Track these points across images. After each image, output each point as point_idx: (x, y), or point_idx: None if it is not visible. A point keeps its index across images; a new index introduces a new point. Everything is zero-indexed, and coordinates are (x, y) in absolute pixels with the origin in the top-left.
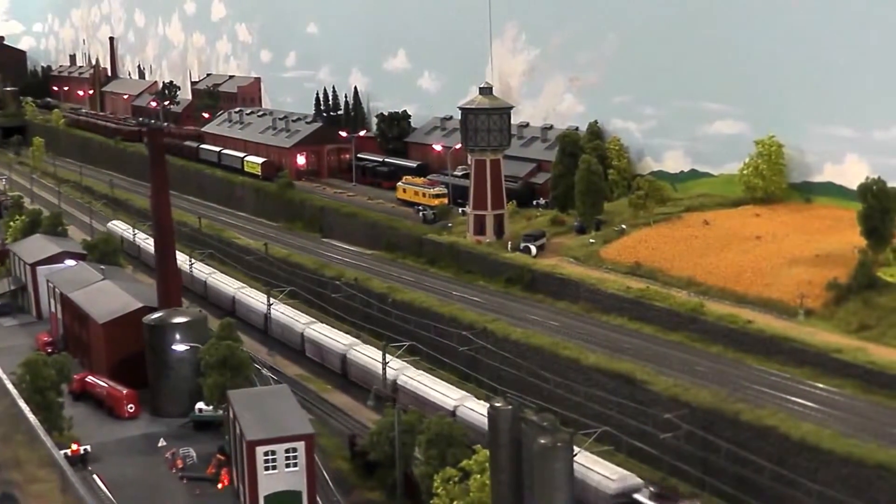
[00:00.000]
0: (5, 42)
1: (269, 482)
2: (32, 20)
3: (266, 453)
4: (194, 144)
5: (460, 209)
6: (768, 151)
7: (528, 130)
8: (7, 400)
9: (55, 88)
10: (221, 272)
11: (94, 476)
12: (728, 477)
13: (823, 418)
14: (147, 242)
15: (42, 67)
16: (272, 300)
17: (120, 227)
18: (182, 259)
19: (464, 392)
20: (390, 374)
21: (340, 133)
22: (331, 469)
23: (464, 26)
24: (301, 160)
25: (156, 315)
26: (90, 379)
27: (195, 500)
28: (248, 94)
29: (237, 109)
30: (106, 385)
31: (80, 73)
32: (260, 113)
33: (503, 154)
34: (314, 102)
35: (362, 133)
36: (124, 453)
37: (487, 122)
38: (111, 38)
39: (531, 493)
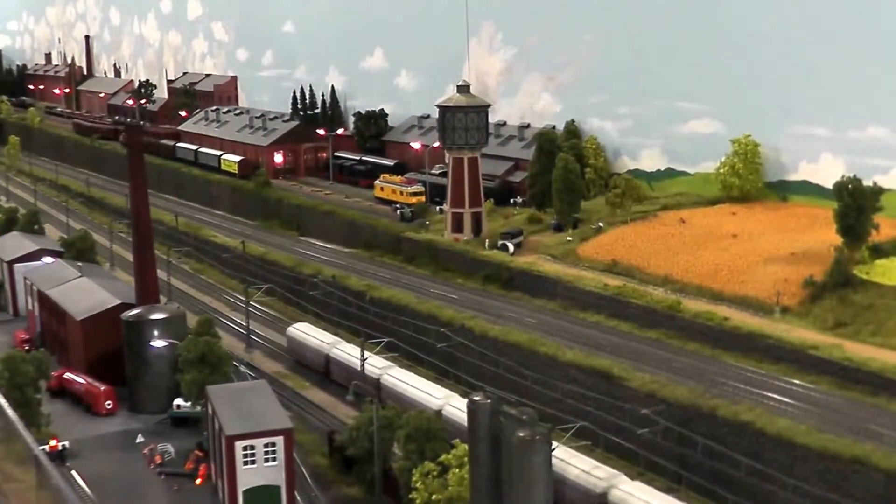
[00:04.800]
0: None
1: (247, 477)
2: (7, 18)
3: (245, 448)
4: (171, 143)
5: (438, 207)
6: (744, 150)
7: (505, 129)
8: None
9: (31, 87)
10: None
11: (73, 472)
12: (705, 472)
13: (799, 414)
14: (398, 377)
15: (17, 66)
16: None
17: (314, 336)
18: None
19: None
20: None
21: (318, 131)
22: (309, 465)
23: (441, 25)
24: (278, 159)
25: (134, 311)
26: (68, 375)
27: (174, 496)
28: (225, 93)
29: (214, 108)
30: (84, 381)
31: (56, 72)
32: (237, 111)
33: (481, 152)
34: (291, 101)
35: (340, 132)
36: (102, 450)
37: (465, 121)
38: (87, 37)
39: (510, 486)
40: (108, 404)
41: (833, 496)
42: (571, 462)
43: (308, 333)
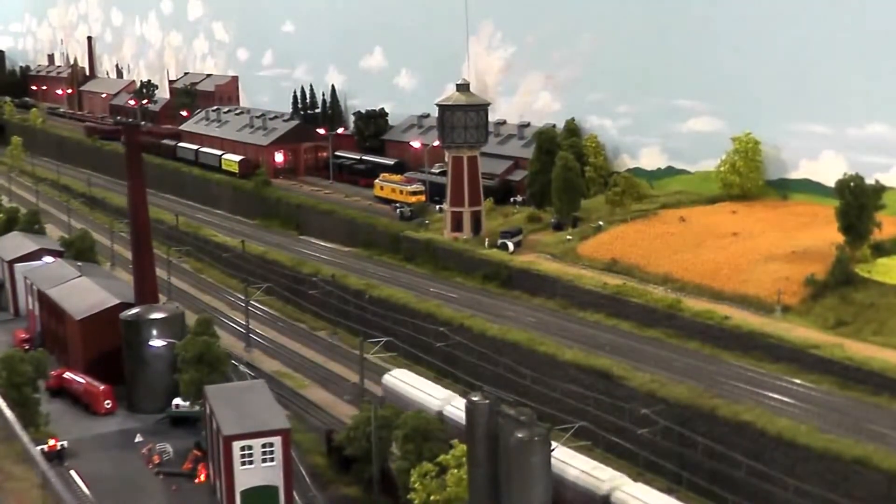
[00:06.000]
0: None
1: (245, 477)
2: (10, 20)
3: (243, 448)
4: (172, 143)
5: (437, 206)
6: (745, 148)
7: (505, 128)
8: None
9: (34, 88)
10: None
11: (72, 472)
12: (704, 472)
13: (800, 414)
14: None
15: (20, 67)
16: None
17: (420, 388)
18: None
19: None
20: None
21: (318, 131)
22: (307, 464)
23: (440, 24)
24: (278, 158)
25: (133, 311)
26: (67, 375)
27: (172, 496)
28: (226, 93)
29: (214, 108)
30: (83, 381)
31: (59, 73)
32: (237, 111)
33: (480, 151)
34: (291, 100)
35: (340, 131)
36: (101, 449)
37: (464, 119)
38: (89, 38)
39: (508, 487)
40: (107, 404)
41: (834, 497)
42: None
43: (412, 384)
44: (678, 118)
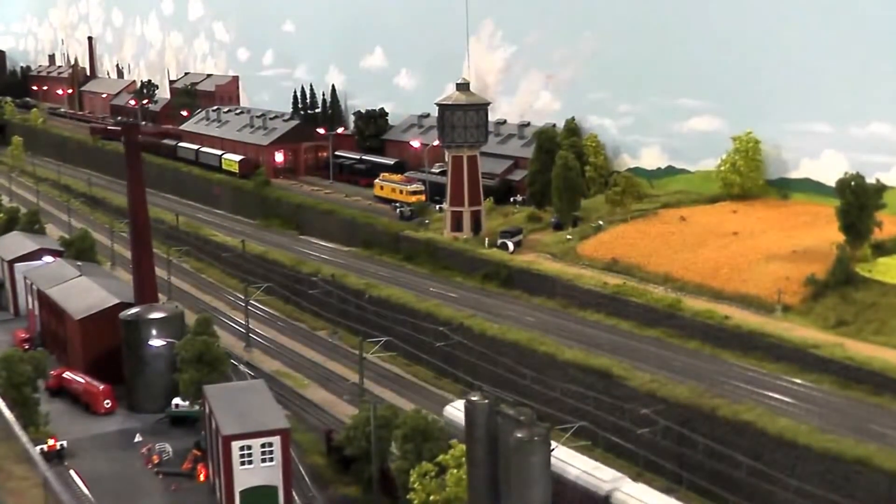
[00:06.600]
0: None
1: (244, 477)
2: (11, 20)
3: (242, 448)
4: (172, 143)
5: (437, 206)
6: (745, 148)
7: (505, 127)
8: None
9: (34, 88)
10: None
11: (71, 472)
12: (705, 472)
13: (801, 414)
14: None
15: (21, 67)
16: None
17: None
18: None
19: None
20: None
21: (318, 131)
22: (307, 464)
23: (441, 24)
24: (278, 158)
25: (132, 311)
26: (67, 375)
27: (171, 496)
28: (226, 93)
29: (215, 108)
30: (83, 381)
31: (59, 73)
32: (238, 111)
33: (480, 150)
34: (292, 100)
35: (340, 130)
36: (101, 449)
37: (464, 119)
38: (89, 38)
39: (508, 487)
40: (107, 403)
41: (835, 497)
42: None
43: None
44: (679, 117)
